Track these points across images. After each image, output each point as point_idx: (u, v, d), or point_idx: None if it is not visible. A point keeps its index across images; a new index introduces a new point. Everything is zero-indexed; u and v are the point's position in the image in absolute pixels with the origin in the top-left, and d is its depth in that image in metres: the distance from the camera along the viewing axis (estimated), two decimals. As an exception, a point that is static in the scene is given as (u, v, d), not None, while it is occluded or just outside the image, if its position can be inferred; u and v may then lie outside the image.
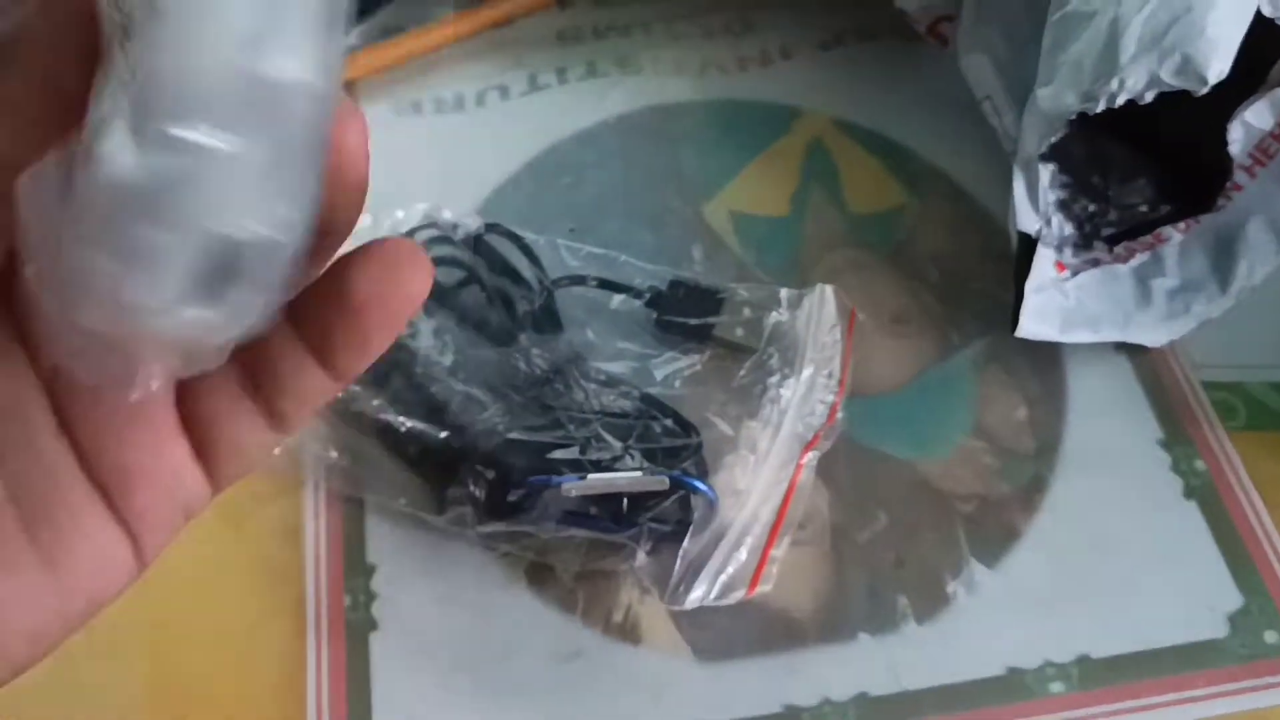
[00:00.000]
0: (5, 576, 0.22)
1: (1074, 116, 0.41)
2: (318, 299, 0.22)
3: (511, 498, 0.41)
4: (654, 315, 0.46)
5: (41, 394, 0.23)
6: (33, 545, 0.22)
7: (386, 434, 0.43)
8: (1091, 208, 0.46)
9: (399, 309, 0.22)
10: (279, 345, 0.23)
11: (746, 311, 0.45)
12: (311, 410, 0.24)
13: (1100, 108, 0.39)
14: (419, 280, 0.22)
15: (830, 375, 0.44)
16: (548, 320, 0.46)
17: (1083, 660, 0.39)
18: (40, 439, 0.22)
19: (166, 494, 0.23)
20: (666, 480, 0.40)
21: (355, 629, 0.41)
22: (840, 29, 0.55)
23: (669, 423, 0.43)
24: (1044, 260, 0.44)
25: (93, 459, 0.23)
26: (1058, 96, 0.41)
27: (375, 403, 0.43)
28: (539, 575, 0.42)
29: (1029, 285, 0.43)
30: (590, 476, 0.40)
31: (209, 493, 0.24)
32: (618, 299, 0.47)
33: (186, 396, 0.23)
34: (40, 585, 0.22)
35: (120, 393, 0.20)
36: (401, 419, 0.43)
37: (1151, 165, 0.47)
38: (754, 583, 0.40)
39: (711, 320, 0.46)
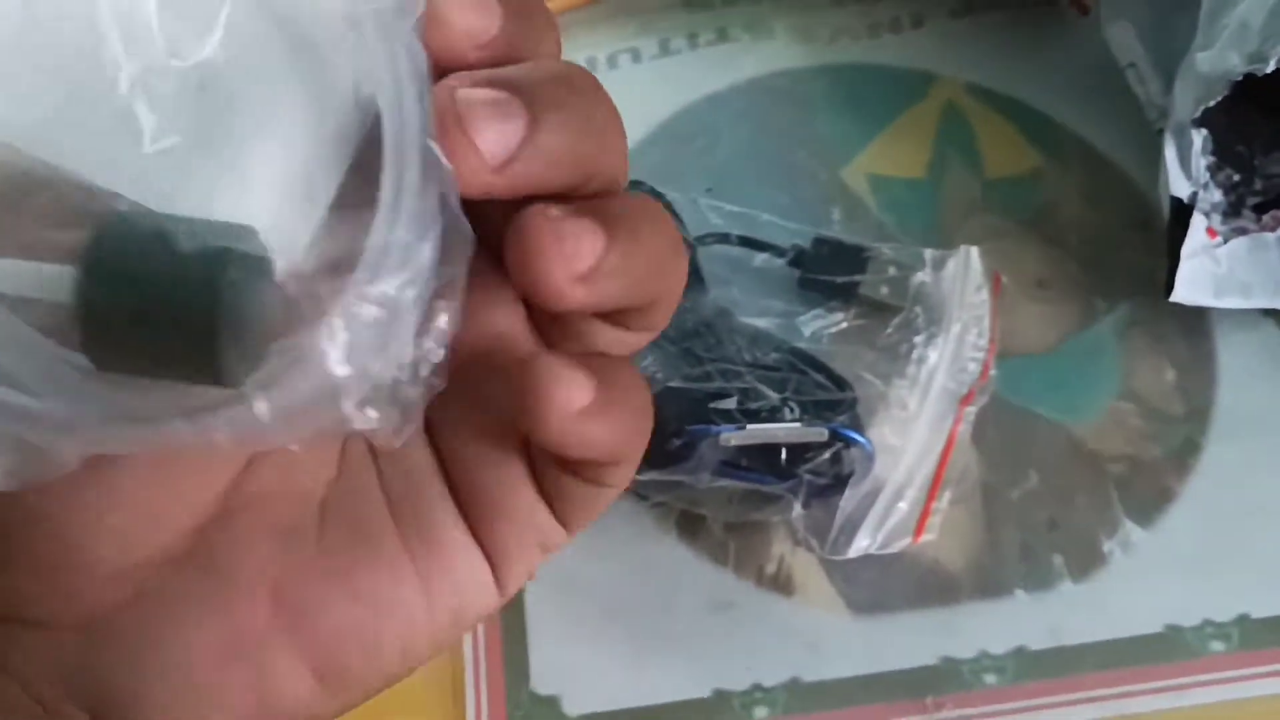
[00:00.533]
0: (387, 583, 0.23)
1: (1239, 78, 0.41)
2: None
3: (670, 446, 0.41)
4: (797, 274, 0.46)
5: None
6: (410, 564, 0.23)
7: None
8: (1236, 177, 0.45)
9: None
10: None
11: (892, 270, 0.45)
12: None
13: (1270, 68, 0.40)
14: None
15: (980, 333, 0.44)
16: (692, 276, 0.46)
17: (1243, 620, 0.39)
18: (416, 462, 0.24)
19: (523, 528, 0.24)
20: (826, 432, 0.40)
21: (508, 575, 0.41)
22: (972, -5, 0.55)
23: (821, 378, 0.43)
24: (1197, 226, 0.43)
25: (460, 491, 0.24)
26: (1220, 59, 0.41)
27: (531, 351, 0.43)
28: (690, 526, 0.42)
29: (1184, 250, 0.43)
30: (750, 426, 0.40)
31: (564, 533, 0.24)
32: (760, 257, 0.47)
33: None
34: (412, 601, 0.23)
35: None
36: (559, 366, 0.43)
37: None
38: (918, 531, 0.40)
39: (857, 278, 0.46)
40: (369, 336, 0.19)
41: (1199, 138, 0.43)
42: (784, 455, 0.40)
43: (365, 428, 0.19)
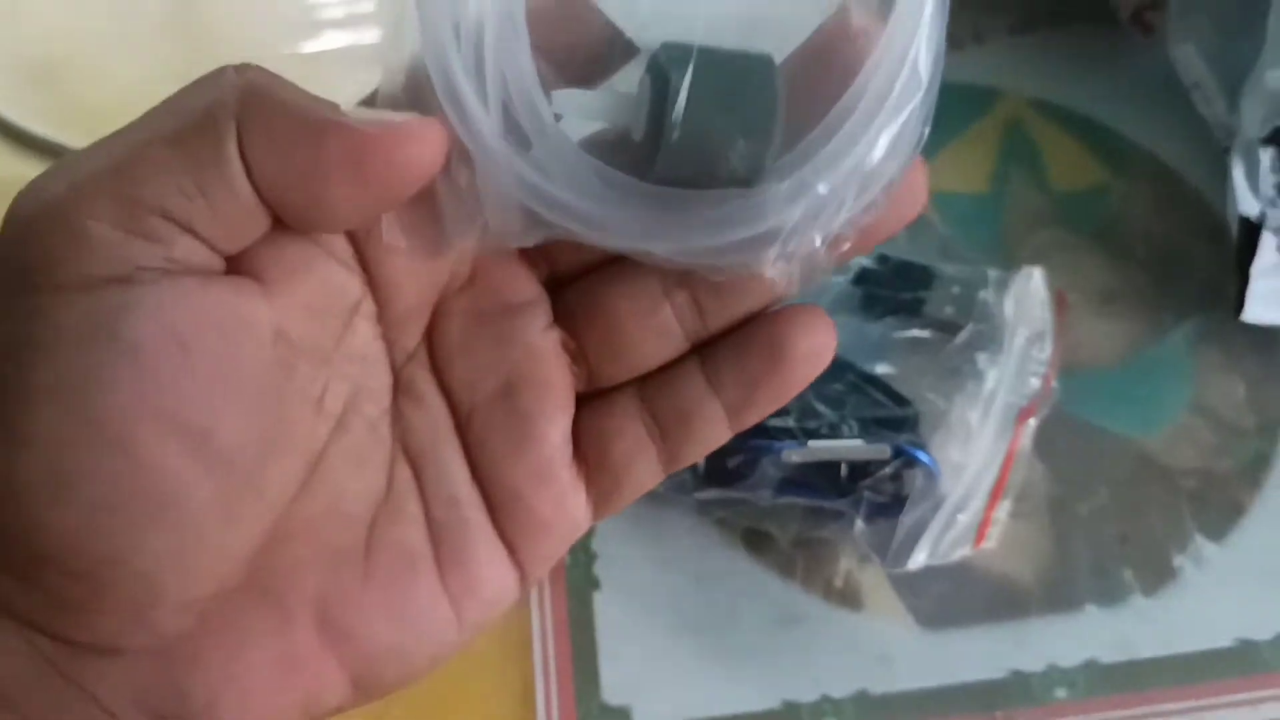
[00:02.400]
0: (422, 618, 0.25)
1: (1312, 93, 0.41)
2: (749, 356, 0.25)
3: (731, 463, 0.41)
4: (861, 291, 0.47)
5: (457, 442, 0.26)
6: (445, 591, 0.25)
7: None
8: (1309, 190, 0.45)
9: (818, 368, 0.25)
10: (696, 399, 0.26)
11: (955, 289, 0.46)
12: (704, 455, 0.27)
13: (1344, 83, 0.39)
14: (832, 343, 0.25)
15: (1042, 349, 0.44)
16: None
17: (1320, 635, 0.39)
18: (458, 488, 0.26)
19: (562, 539, 0.26)
20: (888, 449, 0.40)
21: (577, 587, 0.42)
22: (1031, 13, 0.55)
23: (881, 396, 0.43)
24: (1267, 244, 0.43)
25: (502, 511, 0.26)
26: (1291, 75, 0.41)
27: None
28: (756, 540, 0.43)
29: (1254, 269, 0.43)
30: (812, 443, 0.41)
31: (590, 523, 0.27)
32: (823, 274, 0.47)
33: (598, 442, 0.26)
34: (447, 624, 0.25)
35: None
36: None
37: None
38: (979, 539, 0.40)
39: (921, 295, 0.46)
40: (815, 206, 0.23)
41: (1267, 156, 0.43)
42: (845, 472, 0.41)
43: (772, 274, 0.23)
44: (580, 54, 0.24)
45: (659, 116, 0.23)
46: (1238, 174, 0.43)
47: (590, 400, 0.26)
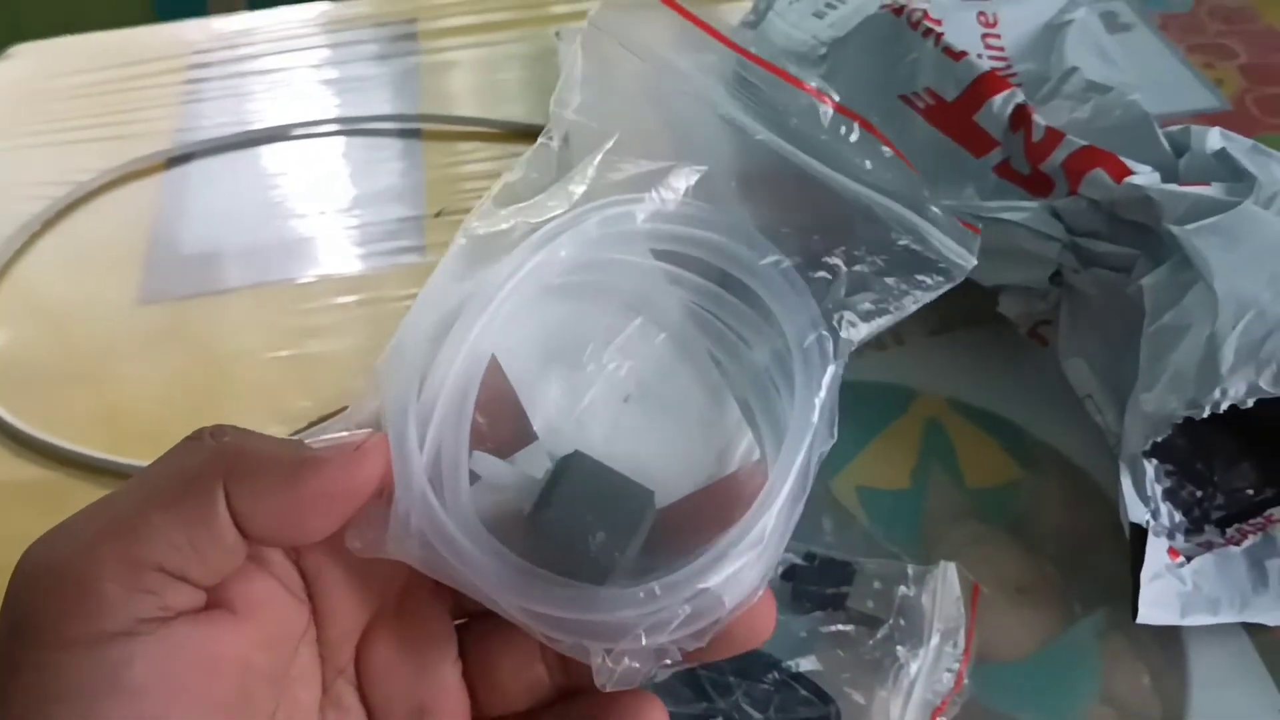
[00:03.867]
0: None
1: (1179, 420, 0.44)
2: None
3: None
4: (790, 586, 0.50)
5: None
6: None
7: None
8: (1198, 493, 0.49)
9: None
10: None
11: (876, 584, 0.49)
12: None
13: (1205, 414, 0.43)
14: None
15: (955, 645, 0.47)
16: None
17: None
18: None
19: None
20: (810, 753, 0.43)
21: None
22: (948, 316, 0.60)
23: (805, 692, 0.46)
24: (1157, 549, 0.46)
25: None
26: (1162, 402, 0.45)
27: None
28: (690, 837, 0.45)
29: (1145, 574, 0.46)
30: (739, 748, 0.43)
31: None
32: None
33: None
34: None
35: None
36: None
37: (1253, 449, 0.50)
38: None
39: (844, 590, 0.49)
40: (645, 615, 0.27)
41: (1150, 467, 0.47)
42: (771, 774, 0.43)
43: (599, 665, 0.27)
44: (509, 436, 0.30)
45: (546, 498, 0.28)
46: (1126, 484, 0.47)
47: None
